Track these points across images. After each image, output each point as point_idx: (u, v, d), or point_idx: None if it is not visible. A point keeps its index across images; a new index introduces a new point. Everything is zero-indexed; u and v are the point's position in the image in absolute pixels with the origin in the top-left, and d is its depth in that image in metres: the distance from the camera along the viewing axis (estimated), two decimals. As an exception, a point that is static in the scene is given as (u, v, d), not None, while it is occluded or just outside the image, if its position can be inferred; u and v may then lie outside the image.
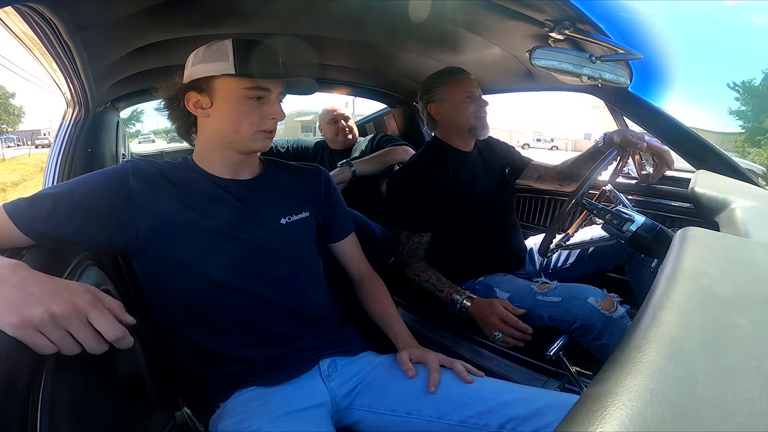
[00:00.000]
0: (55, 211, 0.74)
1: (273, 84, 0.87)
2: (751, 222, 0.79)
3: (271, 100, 0.88)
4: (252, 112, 0.87)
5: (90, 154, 1.36)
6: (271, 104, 0.88)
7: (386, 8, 1.17)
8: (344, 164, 1.78)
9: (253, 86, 0.86)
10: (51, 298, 0.52)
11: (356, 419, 0.86)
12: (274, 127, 0.90)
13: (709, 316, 0.42)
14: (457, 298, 1.28)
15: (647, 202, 1.65)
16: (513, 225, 1.55)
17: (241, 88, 0.85)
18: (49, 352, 0.51)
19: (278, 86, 0.88)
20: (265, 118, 0.88)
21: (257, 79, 0.85)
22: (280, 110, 0.89)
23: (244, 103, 0.86)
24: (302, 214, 0.96)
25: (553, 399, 0.76)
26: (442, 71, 1.45)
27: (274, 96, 0.88)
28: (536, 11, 1.06)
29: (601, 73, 1.19)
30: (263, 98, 0.87)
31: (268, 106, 0.88)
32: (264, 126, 0.88)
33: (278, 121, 0.89)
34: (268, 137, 0.89)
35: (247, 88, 0.85)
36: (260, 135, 0.88)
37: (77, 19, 0.89)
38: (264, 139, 0.89)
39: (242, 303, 0.86)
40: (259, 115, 0.87)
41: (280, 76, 0.89)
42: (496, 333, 1.18)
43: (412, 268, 1.38)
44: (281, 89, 0.89)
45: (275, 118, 0.88)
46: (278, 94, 0.89)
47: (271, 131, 0.89)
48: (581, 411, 0.31)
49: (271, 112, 0.88)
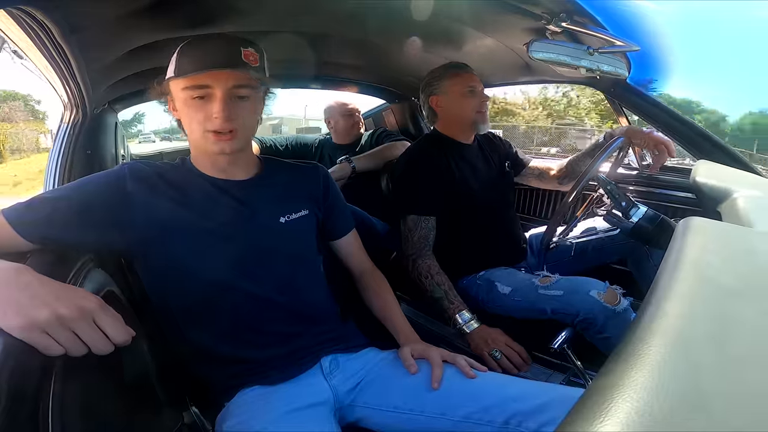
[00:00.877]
0: (54, 215, 0.74)
1: (214, 80, 0.80)
2: (753, 211, 0.78)
3: (215, 97, 0.81)
4: (197, 112, 0.82)
5: (89, 156, 1.35)
6: (213, 102, 0.81)
7: (384, 4, 1.16)
8: (344, 160, 1.78)
9: (190, 85, 0.81)
10: (57, 300, 0.53)
11: (359, 416, 0.86)
12: (223, 127, 0.81)
13: (714, 307, 0.42)
14: (460, 320, 1.22)
15: (649, 193, 1.64)
16: (513, 218, 1.55)
17: (180, 90, 0.82)
18: (56, 353, 0.52)
19: (222, 82, 0.80)
20: (209, 118, 0.81)
21: (187, 75, 0.80)
22: (221, 108, 0.80)
23: (188, 104, 0.82)
24: (301, 212, 0.96)
25: (557, 393, 0.76)
26: (445, 65, 1.45)
27: (218, 93, 0.80)
28: (533, 4, 1.06)
29: (599, 65, 1.18)
30: (205, 97, 0.81)
31: (210, 105, 0.81)
32: (209, 126, 0.81)
33: (220, 120, 0.80)
34: (219, 139, 0.82)
35: (184, 88, 0.82)
36: (210, 136, 0.82)
37: (71, 21, 0.88)
38: (215, 142, 0.82)
39: (242, 303, 0.86)
40: (203, 114, 0.82)
41: (204, 69, 0.79)
42: (495, 351, 1.15)
43: (426, 264, 1.31)
44: (233, 84, 0.81)
45: (216, 117, 0.80)
46: (230, 91, 0.81)
47: (218, 132, 0.82)
48: (586, 405, 0.30)
49: (212, 111, 0.81)
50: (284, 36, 1.32)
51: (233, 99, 0.82)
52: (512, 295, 1.28)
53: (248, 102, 0.85)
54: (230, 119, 0.81)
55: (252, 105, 0.86)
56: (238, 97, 0.83)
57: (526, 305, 1.24)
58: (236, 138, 0.84)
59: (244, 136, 0.86)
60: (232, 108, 0.82)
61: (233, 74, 0.81)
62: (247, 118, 0.85)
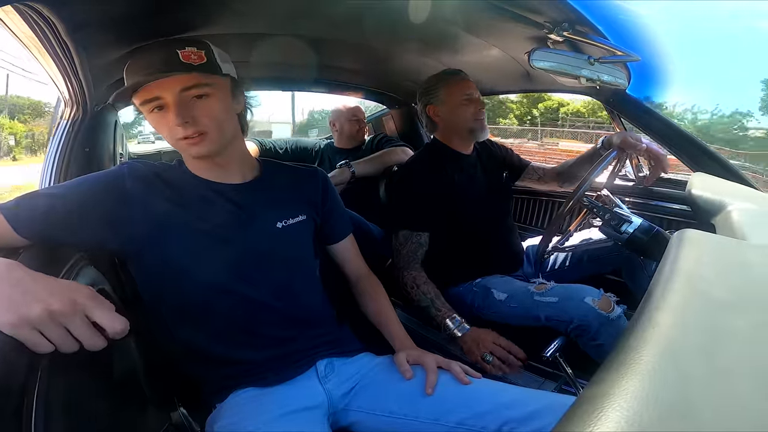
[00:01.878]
0: (51, 212, 0.74)
1: (160, 88, 0.78)
2: (747, 225, 0.79)
3: (168, 105, 0.79)
4: (161, 125, 0.81)
5: (87, 154, 1.35)
6: (168, 111, 0.79)
7: (385, 9, 1.16)
8: (343, 165, 1.78)
9: (143, 100, 0.79)
10: (50, 296, 0.52)
11: (353, 420, 0.86)
12: (187, 132, 0.79)
13: (705, 319, 0.43)
14: (450, 325, 1.22)
15: (644, 205, 1.65)
16: (510, 227, 1.55)
17: (139, 105, 0.81)
18: (46, 350, 0.51)
19: (169, 89, 0.78)
20: (171, 127, 0.80)
21: (133, 89, 0.78)
22: (176, 114, 0.78)
23: (151, 117, 0.81)
24: (299, 218, 0.96)
25: (550, 400, 0.76)
26: (440, 73, 1.45)
27: (169, 100, 0.78)
28: (535, 13, 1.06)
29: (599, 74, 1.19)
30: (163, 108, 0.80)
31: (167, 114, 0.79)
32: (176, 134, 0.80)
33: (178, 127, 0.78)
34: (192, 143, 0.81)
35: (141, 104, 0.80)
36: (182, 144, 0.81)
37: (76, 18, 0.88)
38: (189, 147, 0.82)
39: (237, 306, 0.86)
40: (166, 125, 0.80)
41: (140, 81, 0.77)
42: (487, 355, 1.14)
43: (411, 275, 1.32)
44: (182, 87, 0.78)
45: (177, 125, 0.78)
46: (180, 95, 0.78)
47: (187, 137, 0.80)
48: (577, 413, 0.31)
49: (169, 120, 0.79)
50: (283, 39, 1.33)
51: (190, 101, 0.80)
52: (508, 302, 1.28)
53: (209, 100, 0.81)
54: (191, 123, 0.79)
55: (215, 102, 0.82)
56: (195, 98, 0.80)
57: (521, 312, 1.25)
58: (208, 138, 0.82)
59: (217, 134, 0.83)
60: (190, 110, 0.79)
61: (177, 78, 0.78)
62: (213, 116, 0.82)
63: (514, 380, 1.20)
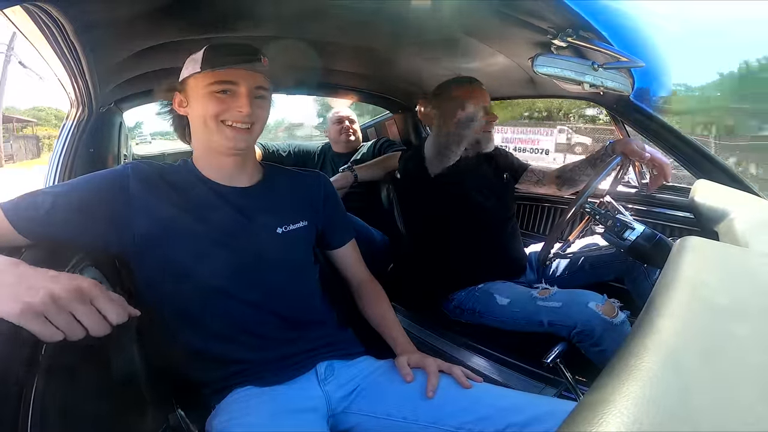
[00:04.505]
0: (53, 211, 0.74)
1: (240, 77, 0.85)
2: (750, 232, 0.79)
3: (240, 93, 0.85)
4: (218, 105, 0.85)
5: (92, 155, 1.36)
6: (238, 97, 0.85)
7: (390, 14, 1.17)
8: (346, 169, 1.79)
9: (216, 80, 0.84)
10: (53, 282, 0.53)
11: (353, 423, 0.86)
12: (242, 120, 0.85)
13: (707, 326, 0.42)
14: None
15: (647, 212, 1.65)
16: (513, 231, 1.55)
17: (205, 84, 0.85)
18: (56, 339, 0.51)
19: (247, 80, 0.85)
20: (230, 110, 0.84)
21: (214, 69, 0.84)
22: (246, 103, 0.84)
23: (210, 97, 0.85)
24: (300, 224, 0.96)
25: (551, 406, 0.76)
26: (452, 80, 1.46)
27: (243, 89, 0.85)
28: (539, 19, 1.06)
29: (603, 80, 1.19)
30: (230, 92, 0.85)
31: (235, 99, 0.85)
32: (229, 117, 0.85)
33: (245, 114, 0.84)
34: (237, 133, 0.86)
35: (210, 83, 0.85)
36: (227, 130, 0.85)
37: (84, 19, 0.89)
38: (232, 136, 0.86)
39: (237, 308, 0.86)
40: (225, 107, 0.85)
41: (235, 63, 0.84)
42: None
43: None
44: (255, 85, 0.86)
45: (241, 110, 0.84)
46: (253, 90, 0.86)
47: (237, 125, 0.85)
48: (578, 418, 0.31)
49: (237, 105, 0.84)
50: (288, 42, 1.33)
51: (254, 98, 0.87)
52: (510, 307, 1.28)
53: (265, 102, 0.90)
54: (251, 115, 0.85)
55: (267, 105, 0.91)
56: (256, 97, 0.87)
57: (523, 316, 1.24)
58: (251, 134, 0.88)
59: (256, 134, 0.91)
60: (254, 106, 0.86)
61: (256, 75, 0.86)
62: (263, 117, 0.90)
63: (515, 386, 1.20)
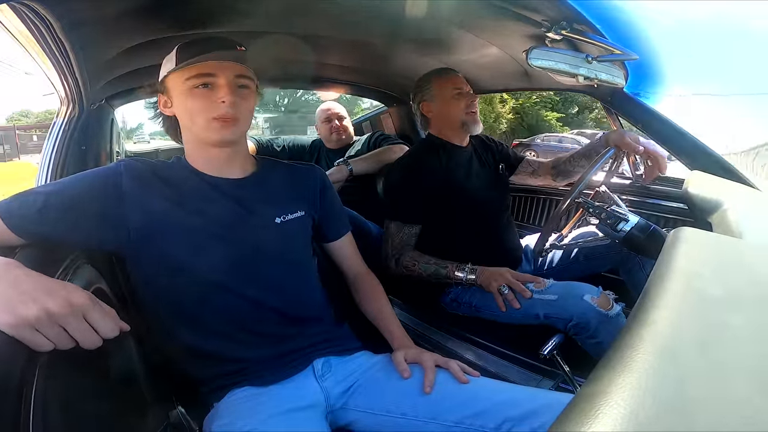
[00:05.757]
0: (46, 210, 0.73)
1: (217, 68, 0.84)
2: (743, 223, 0.79)
3: (219, 84, 0.84)
4: (201, 100, 0.84)
5: (84, 152, 1.35)
6: (219, 89, 0.84)
7: (383, 7, 1.16)
8: (341, 163, 1.78)
9: (194, 74, 0.83)
10: (47, 295, 0.53)
11: (351, 419, 0.86)
12: (228, 112, 0.84)
13: (702, 316, 0.43)
14: (461, 276, 1.29)
15: (641, 203, 1.66)
16: (508, 223, 1.55)
17: (183, 80, 0.85)
18: (46, 349, 0.52)
19: (225, 71, 0.84)
20: (214, 104, 0.83)
21: (189, 62, 0.83)
22: (228, 92, 0.83)
23: (191, 93, 0.84)
24: (297, 214, 0.96)
25: (548, 399, 0.76)
26: (431, 71, 1.49)
27: (221, 80, 0.84)
28: (533, 11, 1.06)
29: (597, 73, 1.19)
30: (210, 85, 0.84)
31: (216, 91, 0.84)
32: (215, 112, 0.84)
33: (227, 104, 0.83)
34: (224, 125, 0.85)
35: (187, 78, 0.84)
36: (215, 123, 0.84)
37: (72, 17, 0.88)
38: (220, 128, 0.85)
39: (234, 303, 0.86)
40: (208, 102, 0.84)
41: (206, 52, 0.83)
42: (503, 287, 1.23)
43: (408, 256, 1.35)
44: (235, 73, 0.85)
45: (223, 101, 0.83)
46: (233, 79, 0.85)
47: (224, 117, 0.84)
48: (575, 411, 0.31)
49: (218, 96, 0.83)
50: (280, 37, 1.32)
51: (237, 88, 0.86)
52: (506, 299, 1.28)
53: (248, 92, 0.89)
54: (234, 106, 0.84)
55: (251, 95, 0.90)
56: (239, 87, 0.86)
57: (519, 310, 1.25)
58: (238, 125, 0.87)
59: (244, 125, 0.89)
60: (236, 96, 0.85)
61: (235, 65, 0.86)
62: (248, 107, 0.89)
63: (512, 378, 1.20)
